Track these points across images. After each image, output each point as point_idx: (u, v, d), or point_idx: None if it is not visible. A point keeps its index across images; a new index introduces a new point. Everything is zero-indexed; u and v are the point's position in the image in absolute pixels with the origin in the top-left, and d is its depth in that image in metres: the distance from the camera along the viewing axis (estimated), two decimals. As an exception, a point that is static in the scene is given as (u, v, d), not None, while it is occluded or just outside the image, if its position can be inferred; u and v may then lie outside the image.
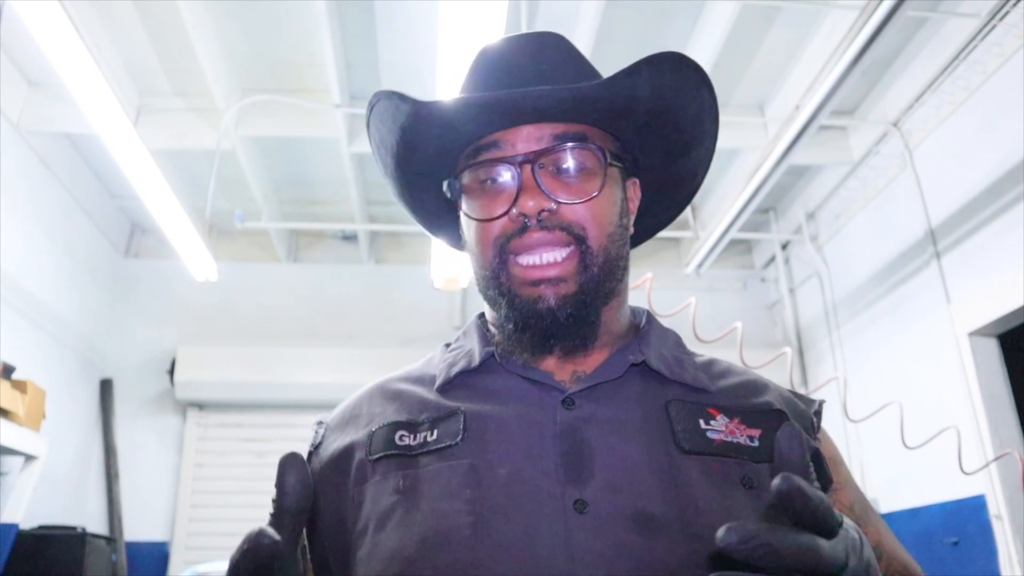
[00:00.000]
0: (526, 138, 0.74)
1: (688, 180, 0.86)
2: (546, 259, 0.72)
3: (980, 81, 2.94)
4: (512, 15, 2.58)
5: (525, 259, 0.72)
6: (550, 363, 0.76)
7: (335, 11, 2.98)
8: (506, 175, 0.74)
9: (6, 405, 2.91)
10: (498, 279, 0.74)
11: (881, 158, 3.62)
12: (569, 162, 0.74)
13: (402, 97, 0.74)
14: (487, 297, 0.79)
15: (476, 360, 0.77)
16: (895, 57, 3.34)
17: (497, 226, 0.74)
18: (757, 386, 0.80)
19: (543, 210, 0.71)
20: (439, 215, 0.88)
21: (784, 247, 4.76)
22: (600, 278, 0.74)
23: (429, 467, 0.70)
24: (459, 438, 0.71)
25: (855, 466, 3.85)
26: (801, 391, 3.86)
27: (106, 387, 4.33)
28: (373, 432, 0.77)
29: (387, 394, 0.82)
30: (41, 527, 3.33)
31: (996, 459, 2.65)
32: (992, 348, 3.04)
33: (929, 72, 3.18)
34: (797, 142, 2.70)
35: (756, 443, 0.72)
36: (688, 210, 4.08)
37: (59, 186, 3.82)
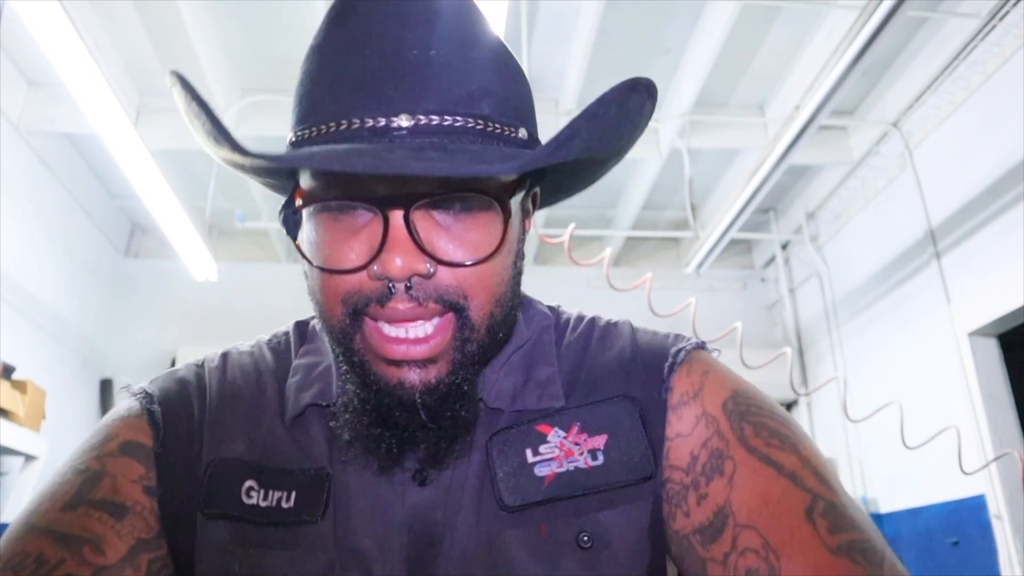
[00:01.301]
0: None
1: (598, 176, 0.69)
2: (412, 333, 0.55)
3: (980, 81, 2.94)
4: (512, 15, 2.58)
5: (388, 328, 0.55)
6: None
7: (335, 11, 2.98)
8: (368, 213, 0.55)
9: (6, 405, 2.90)
10: (349, 345, 0.57)
11: (881, 158, 3.62)
12: (457, 206, 0.55)
13: (216, 126, 0.54)
14: (334, 354, 0.62)
15: (332, 395, 0.63)
16: (895, 57, 3.34)
17: (351, 280, 0.55)
18: (604, 358, 0.67)
19: (415, 274, 0.53)
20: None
21: (784, 247, 4.76)
22: (480, 354, 0.59)
23: (276, 554, 0.59)
24: (320, 514, 0.59)
25: (855, 466, 3.85)
26: (801, 391, 3.83)
27: (106, 387, 4.33)
28: (212, 465, 0.62)
29: (228, 395, 0.67)
30: (41, 527, 3.32)
31: (996, 459, 2.65)
32: (992, 348, 3.03)
33: (929, 72, 3.18)
34: (797, 142, 2.70)
35: (600, 459, 0.60)
36: (688, 210, 4.08)
37: (59, 186, 3.82)
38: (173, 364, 4.21)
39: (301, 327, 0.75)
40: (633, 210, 4.35)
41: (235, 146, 0.52)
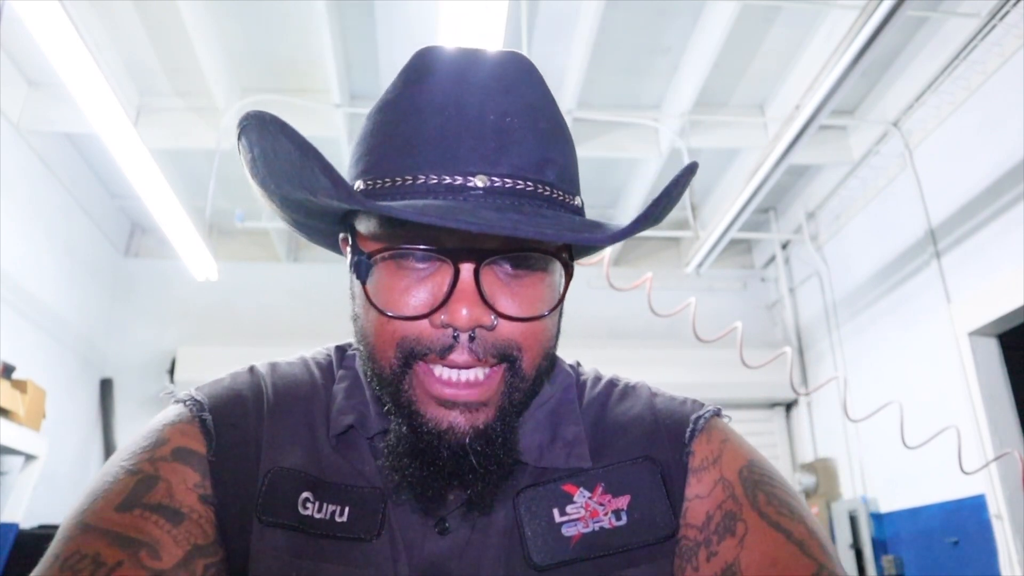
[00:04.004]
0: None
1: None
2: (465, 376, 0.57)
3: (980, 81, 2.95)
4: (512, 15, 2.58)
5: (440, 370, 0.58)
6: None
7: (335, 11, 2.98)
8: (436, 264, 0.58)
9: (6, 405, 2.91)
10: (398, 388, 0.59)
11: (881, 158, 3.62)
12: (522, 266, 0.59)
13: (326, 169, 0.51)
14: (378, 394, 0.63)
15: (371, 430, 0.65)
16: (895, 57, 3.34)
17: (410, 326, 0.57)
18: (624, 420, 0.70)
19: (479, 325, 0.56)
20: (318, 230, 0.70)
21: (784, 247, 4.76)
22: (524, 403, 0.61)
23: (331, 567, 0.60)
24: (375, 534, 0.61)
25: (855, 466, 3.85)
26: (801, 391, 3.83)
27: (106, 387, 4.33)
28: (271, 473, 0.64)
29: (283, 404, 0.68)
30: (41, 527, 3.33)
31: (996, 459, 2.65)
32: (992, 348, 3.04)
33: (929, 72, 3.18)
34: (797, 142, 2.71)
35: (623, 520, 0.63)
36: (688, 210, 4.08)
37: (59, 186, 3.82)
38: (173, 364, 4.24)
39: (339, 351, 0.77)
40: (633, 210, 4.35)
41: (359, 199, 0.52)
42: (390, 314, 0.58)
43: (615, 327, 4.60)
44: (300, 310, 4.63)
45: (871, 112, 3.63)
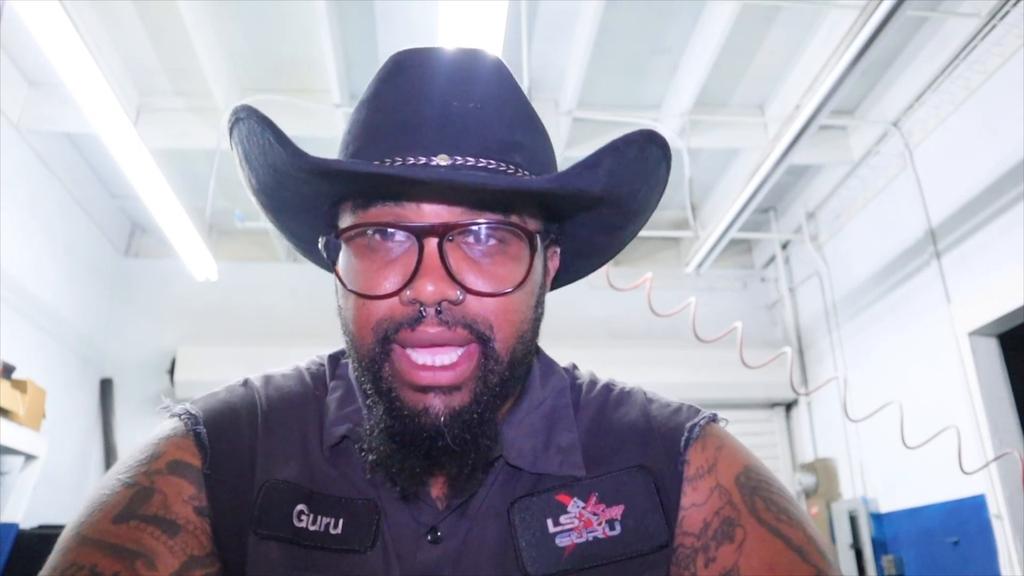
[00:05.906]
0: (437, 200, 0.58)
1: (614, 249, 0.74)
2: (440, 360, 0.58)
3: (980, 81, 2.94)
4: (512, 15, 2.58)
5: (416, 355, 0.58)
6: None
7: (335, 11, 2.98)
8: (404, 243, 0.59)
9: (6, 405, 2.90)
10: (377, 372, 0.59)
11: (881, 158, 3.62)
12: (488, 241, 0.59)
13: (278, 137, 0.55)
14: (360, 385, 0.65)
15: (364, 440, 0.64)
16: (895, 57, 3.34)
17: (383, 307, 0.58)
18: (619, 426, 0.70)
19: (445, 299, 0.57)
20: (311, 241, 0.70)
21: (784, 247, 4.76)
22: (500, 387, 0.61)
23: None
24: (368, 545, 0.61)
25: (855, 466, 3.85)
26: (801, 391, 3.82)
27: (106, 387, 4.33)
28: (266, 486, 0.64)
29: (277, 417, 0.69)
30: (41, 527, 3.33)
31: (996, 459, 2.65)
32: (992, 348, 3.04)
33: (929, 72, 3.18)
34: (797, 142, 2.70)
35: (617, 529, 0.63)
36: (688, 209, 4.08)
37: (59, 186, 3.82)
38: (173, 364, 4.24)
39: (333, 360, 0.77)
40: (633, 210, 4.35)
41: (304, 156, 0.55)
42: (361, 293, 0.59)
43: (615, 327, 4.60)
44: (300, 310, 4.63)
45: (871, 112, 3.63)
